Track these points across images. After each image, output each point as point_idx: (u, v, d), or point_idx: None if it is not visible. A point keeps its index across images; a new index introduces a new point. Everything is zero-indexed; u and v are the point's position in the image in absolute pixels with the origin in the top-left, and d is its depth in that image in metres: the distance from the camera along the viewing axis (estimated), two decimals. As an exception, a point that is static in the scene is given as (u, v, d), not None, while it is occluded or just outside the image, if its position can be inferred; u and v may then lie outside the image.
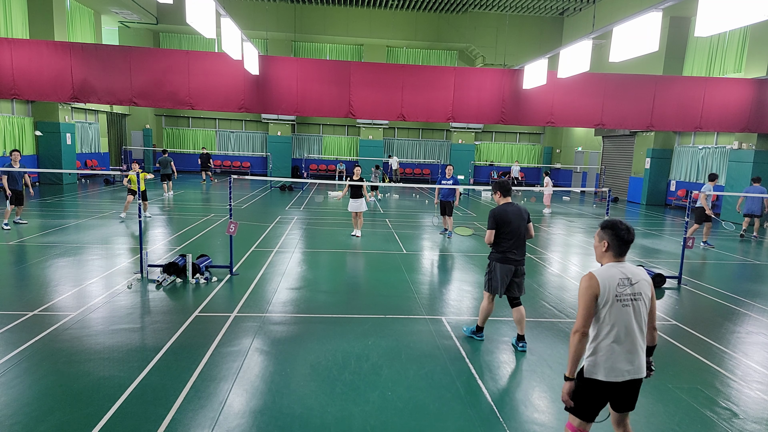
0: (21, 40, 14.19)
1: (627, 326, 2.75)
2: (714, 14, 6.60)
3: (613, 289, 2.74)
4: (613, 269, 2.80)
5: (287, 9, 24.76)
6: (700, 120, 15.44)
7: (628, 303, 2.75)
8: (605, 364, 2.76)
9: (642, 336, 2.80)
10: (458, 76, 15.02)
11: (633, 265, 2.87)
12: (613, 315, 2.75)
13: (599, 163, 24.40)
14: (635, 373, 2.79)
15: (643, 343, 2.81)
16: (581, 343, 2.76)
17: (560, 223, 14.72)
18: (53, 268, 7.58)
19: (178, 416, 3.74)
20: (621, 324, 2.75)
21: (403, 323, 5.89)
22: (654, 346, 2.98)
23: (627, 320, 2.75)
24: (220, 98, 14.46)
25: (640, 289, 2.78)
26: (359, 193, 10.89)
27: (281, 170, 27.89)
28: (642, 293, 2.79)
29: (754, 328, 6.24)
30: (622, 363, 2.75)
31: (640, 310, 2.78)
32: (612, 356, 2.75)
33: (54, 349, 4.79)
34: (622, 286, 2.75)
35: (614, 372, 2.76)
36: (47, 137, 19.13)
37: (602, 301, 2.75)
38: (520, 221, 5.05)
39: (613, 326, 2.75)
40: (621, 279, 2.76)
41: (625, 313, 2.75)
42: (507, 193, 5.17)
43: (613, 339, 2.75)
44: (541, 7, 24.35)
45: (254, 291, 6.89)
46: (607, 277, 2.76)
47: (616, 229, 2.81)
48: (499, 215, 5.03)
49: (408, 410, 3.98)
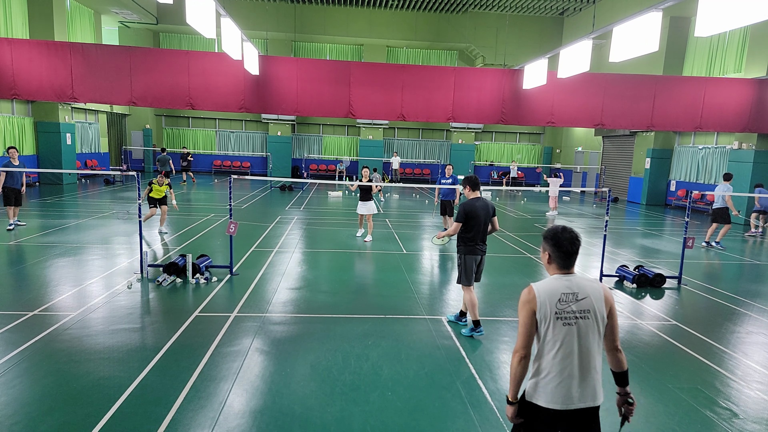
0: (21, 40, 14.19)
1: (571, 348, 2.38)
2: (714, 14, 6.60)
3: (552, 305, 2.39)
4: (556, 282, 2.45)
5: (287, 9, 24.76)
6: (700, 120, 15.44)
7: (571, 321, 2.39)
8: (545, 389, 2.42)
9: (593, 359, 2.42)
10: (458, 76, 15.01)
11: (585, 277, 2.52)
12: (554, 334, 2.40)
13: (599, 163, 24.40)
14: (583, 402, 2.40)
15: (597, 366, 2.44)
16: (520, 365, 2.44)
17: (560, 223, 14.67)
18: (53, 268, 7.58)
19: (178, 416, 3.74)
20: (564, 345, 2.38)
21: (403, 323, 5.89)
22: (624, 371, 2.55)
23: (570, 341, 2.38)
24: (220, 98, 14.46)
25: (589, 305, 2.40)
26: (368, 195, 10.55)
27: (281, 170, 27.88)
28: (591, 311, 2.40)
29: (754, 328, 6.24)
30: (564, 389, 2.39)
31: (588, 329, 2.40)
32: (553, 380, 2.40)
33: (54, 349, 4.80)
34: (563, 302, 2.39)
35: (555, 398, 2.40)
36: (47, 137, 19.14)
37: (540, 318, 2.40)
38: (486, 215, 5.43)
39: (556, 347, 2.39)
40: (564, 294, 2.41)
41: (568, 333, 2.38)
42: (476, 187, 5.55)
43: (555, 361, 2.40)
44: (541, 7, 24.35)
45: (254, 291, 6.89)
46: (546, 291, 2.42)
47: (557, 238, 2.50)
48: (469, 209, 5.36)
49: (408, 410, 3.98)
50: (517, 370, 2.44)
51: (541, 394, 2.43)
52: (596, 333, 2.42)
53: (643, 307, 6.94)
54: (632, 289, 7.74)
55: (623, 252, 10.56)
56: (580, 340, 2.40)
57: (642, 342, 5.61)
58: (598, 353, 2.44)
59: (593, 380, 2.44)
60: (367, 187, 10.49)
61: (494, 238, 11.40)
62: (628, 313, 6.64)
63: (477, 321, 5.52)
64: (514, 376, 2.46)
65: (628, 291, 7.65)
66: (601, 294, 2.45)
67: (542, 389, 2.43)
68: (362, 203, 10.61)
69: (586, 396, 2.42)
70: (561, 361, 2.39)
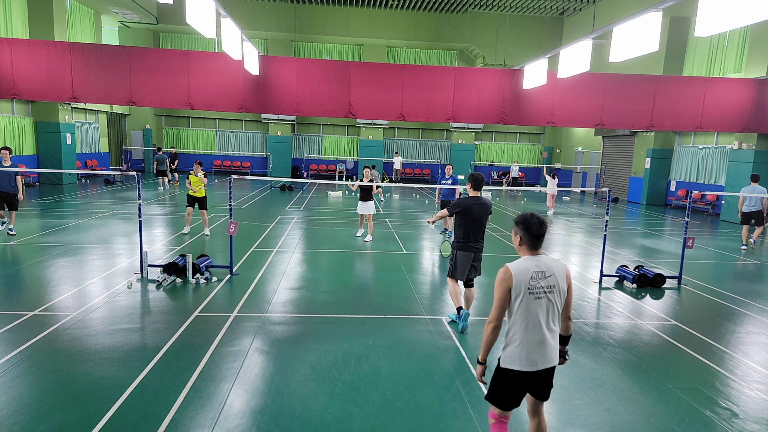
0: (21, 40, 14.19)
1: (539, 318, 2.82)
2: (714, 14, 6.60)
3: (526, 282, 2.79)
4: (528, 262, 2.84)
5: (287, 9, 24.76)
6: (700, 120, 15.44)
7: (541, 295, 2.81)
8: (520, 355, 2.83)
9: (555, 327, 2.89)
10: (458, 76, 15.01)
11: (550, 257, 2.93)
12: (525, 307, 2.81)
13: (599, 163, 24.40)
14: (547, 363, 2.87)
15: (555, 333, 2.89)
16: (493, 333, 2.87)
17: (560, 223, 14.72)
18: (53, 268, 7.57)
19: (178, 416, 3.74)
20: (534, 316, 2.81)
21: (403, 323, 5.89)
22: (569, 335, 3.08)
23: (539, 312, 2.81)
24: (220, 98, 14.45)
25: (554, 281, 2.84)
26: (368, 195, 10.54)
27: (281, 170, 27.89)
28: (556, 286, 2.84)
29: (754, 328, 6.24)
30: (535, 353, 2.83)
31: (554, 302, 2.85)
32: (526, 347, 2.83)
33: (54, 349, 4.79)
34: (535, 279, 2.80)
35: (528, 362, 2.83)
36: (47, 137, 19.14)
37: (515, 294, 2.81)
38: (483, 214, 5.53)
39: (527, 318, 2.82)
40: (535, 272, 2.81)
41: (538, 305, 2.81)
42: (477, 187, 5.58)
43: (526, 330, 2.82)
44: (541, 7, 24.35)
45: (254, 291, 6.89)
46: (520, 270, 2.81)
47: (527, 223, 2.86)
48: (463, 204, 5.49)
49: (408, 410, 3.98)
50: (489, 337, 2.88)
51: (515, 360, 2.85)
52: (558, 305, 2.88)
53: (643, 307, 6.94)
54: (632, 289, 7.74)
55: (623, 252, 10.56)
56: (549, 310, 2.84)
57: (642, 342, 5.61)
58: (558, 321, 2.92)
59: (553, 345, 2.88)
60: (368, 188, 10.49)
61: (494, 238, 11.41)
62: (628, 313, 6.64)
63: (460, 307, 5.71)
64: (486, 341, 2.90)
65: (628, 291, 7.65)
66: (563, 271, 2.90)
67: (515, 356, 2.85)
68: (362, 203, 10.61)
69: (548, 358, 2.87)
70: (530, 330, 2.82)
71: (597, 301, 7.16)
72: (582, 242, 11.76)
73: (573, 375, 4.70)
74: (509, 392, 2.93)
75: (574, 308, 6.70)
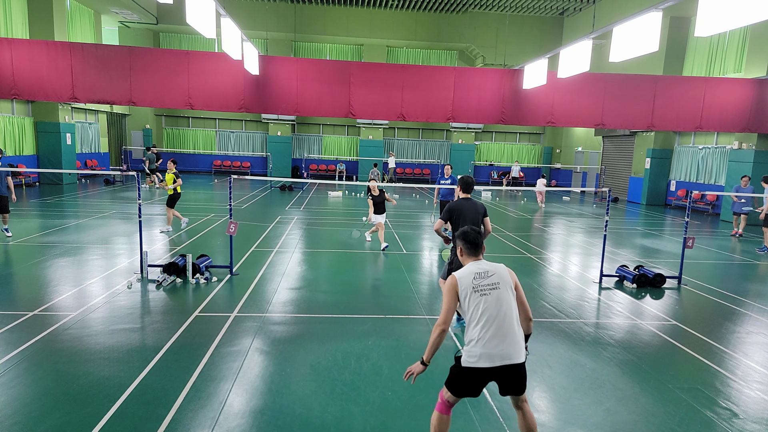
0: (21, 40, 14.19)
1: (492, 313, 2.97)
2: (714, 14, 6.60)
3: (470, 282, 3.04)
4: (471, 266, 3.12)
5: (287, 9, 24.76)
6: (700, 120, 15.43)
7: (487, 292, 3.01)
8: (480, 351, 2.96)
9: (512, 322, 2.99)
10: (458, 76, 15.01)
11: (490, 262, 3.17)
12: (475, 305, 3.01)
13: (599, 163, 24.40)
14: (509, 359, 2.95)
15: (515, 329, 3.00)
16: (440, 336, 3.03)
17: (560, 223, 14.72)
18: (53, 268, 7.58)
19: (178, 416, 3.74)
20: (485, 312, 2.98)
21: (403, 323, 5.89)
22: (529, 334, 3.21)
23: (491, 308, 2.98)
24: (220, 98, 14.45)
25: (498, 279, 3.05)
26: (382, 207, 9.94)
27: (281, 170, 27.88)
28: (501, 282, 3.05)
29: (754, 328, 6.24)
30: (493, 349, 2.94)
31: (503, 298, 3.01)
32: (480, 345, 2.96)
33: (54, 349, 4.80)
34: (477, 278, 3.05)
35: (486, 358, 2.95)
36: (47, 137, 19.14)
37: (463, 294, 3.04)
38: (475, 215, 5.47)
39: (480, 315, 2.99)
40: (477, 272, 3.07)
41: (487, 302, 2.99)
42: (466, 189, 5.61)
43: (480, 328, 2.97)
44: (541, 7, 24.34)
45: (254, 291, 6.89)
46: (465, 273, 3.09)
47: (464, 234, 3.23)
48: (454, 208, 5.49)
49: (408, 410, 3.98)
50: (436, 339, 3.04)
51: (473, 357, 2.98)
52: (509, 301, 3.02)
53: (643, 307, 6.94)
54: (632, 289, 7.74)
55: (623, 252, 10.56)
56: (500, 305, 2.99)
57: (642, 342, 5.61)
58: (513, 318, 3.01)
59: (513, 341, 2.98)
60: (381, 201, 9.90)
61: (494, 237, 11.41)
62: (628, 313, 6.64)
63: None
64: (432, 343, 3.05)
65: (628, 291, 7.65)
66: (505, 270, 3.12)
67: (473, 354, 2.98)
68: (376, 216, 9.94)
69: (509, 354, 2.96)
70: (483, 327, 2.97)
71: (597, 301, 7.16)
72: (582, 242, 11.76)
73: (573, 375, 4.70)
74: (467, 386, 3.08)
75: (573, 308, 6.70)
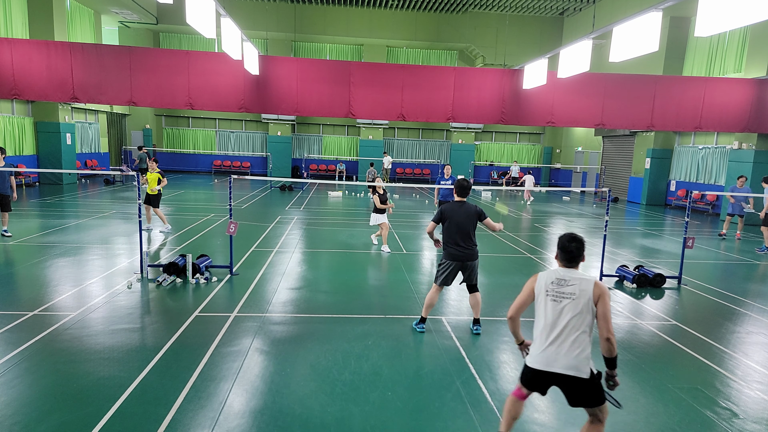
0: (21, 40, 14.18)
1: (553, 320, 3.02)
2: (714, 14, 6.59)
3: (546, 284, 3.10)
4: (557, 272, 3.15)
5: (287, 9, 24.76)
6: (700, 120, 15.43)
7: (559, 299, 3.03)
8: (534, 352, 3.08)
9: (573, 335, 2.96)
10: (458, 76, 15.01)
11: (582, 273, 3.10)
12: (543, 307, 3.08)
13: (599, 163, 24.40)
14: (563, 368, 2.94)
15: (575, 342, 2.95)
16: (511, 325, 3.30)
17: (560, 223, 14.72)
18: (53, 268, 7.57)
19: (178, 416, 3.74)
20: (550, 317, 3.03)
21: (403, 323, 5.89)
22: (612, 358, 2.97)
23: (554, 315, 3.02)
24: (220, 98, 14.45)
25: (577, 291, 3.00)
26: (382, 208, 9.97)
27: (281, 170, 27.88)
28: (578, 295, 2.99)
29: (754, 328, 6.24)
30: (543, 353, 3.00)
31: (573, 310, 2.98)
32: (538, 346, 3.05)
33: (54, 349, 4.80)
34: (555, 284, 3.07)
35: (537, 360, 3.03)
36: (47, 137, 19.14)
37: (537, 293, 3.15)
38: (467, 220, 5.40)
39: (544, 318, 3.06)
40: (557, 278, 3.08)
41: (555, 308, 3.03)
42: (460, 193, 5.56)
43: (542, 330, 3.05)
44: (541, 7, 24.35)
45: (254, 291, 6.89)
46: (546, 275, 3.16)
47: (560, 241, 3.20)
48: (444, 211, 5.47)
49: (408, 410, 3.98)
50: (510, 326, 3.31)
51: (529, 357, 3.11)
52: (579, 314, 2.98)
53: (643, 307, 6.94)
54: (632, 289, 7.74)
55: (623, 252, 10.56)
56: (561, 317, 3.00)
57: (642, 342, 5.61)
58: (579, 332, 2.97)
59: (574, 353, 2.94)
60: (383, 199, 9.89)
61: (494, 237, 11.41)
62: (628, 313, 6.64)
63: (424, 318, 5.68)
64: (511, 329, 3.34)
65: (628, 291, 7.65)
66: (591, 285, 3.02)
67: (531, 353, 3.11)
68: (376, 215, 10.03)
69: (566, 365, 2.94)
70: (542, 331, 3.04)
71: (597, 301, 7.15)
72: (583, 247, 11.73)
73: (573, 375, 4.69)
74: (529, 381, 3.14)
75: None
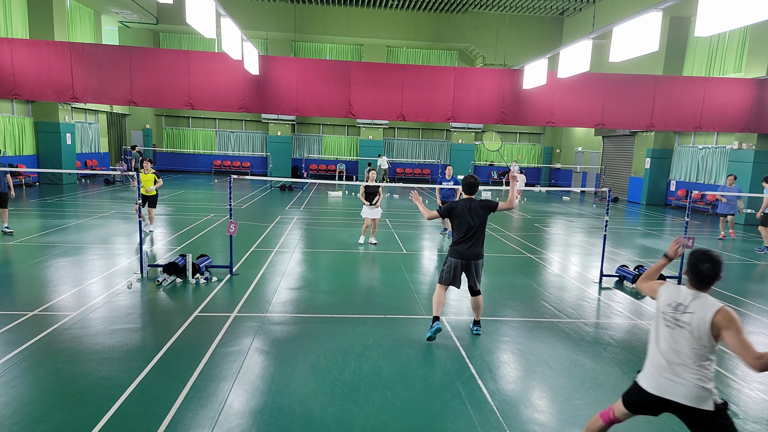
0: (21, 40, 14.19)
1: (666, 345, 2.79)
2: (714, 14, 6.60)
3: (663, 304, 2.86)
4: (681, 293, 2.82)
5: (287, 9, 24.76)
6: (700, 120, 15.43)
7: (671, 324, 2.78)
8: (645, 373, 2.91)
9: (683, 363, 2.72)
10: (458, 76, 15.01)
11: (708, 300, 2.70)
12: (656, 325, 2.89)
13: (599, 163, 24.39)
14: (674, 396, 2.73)
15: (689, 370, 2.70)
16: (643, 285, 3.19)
17: (560, 223, 14.72)
18: (53, 268, 7.57)
19: (178, 416, 3.74)
20: (661, 341, 2.83)
21: (403, 323, 5.89)
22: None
23: (666, 339, 2.79)
24: (220, 98, 14.45)
25: (694, 321, 2.68)
26: (372, 198, 10.07)
27: (281, 170, 27.88)
28: (693, 324, 2.68)
29: (754, 328, 6.24)
30: (655, 377, 2.82)
31: (682, 337, 2.72)
32: (647, 365, 2.90)
33: (54, 349, 4.79)
34: (672, 307, 2.80)
35: (649, 382, 2.85)
36: (47, 137, 19.14)
37: (656, 307, 2.92)
38: (473, 217, 5.27)
39: (655, 339, 2.87)
40: (677, 303, 2.79)
41: (666, 332, 2.80)
42: (467, 190, 5.47)
43: (653, 351, 2.88)
44: (541, 7, 24.35)
45: (254, 291, 6.88)
46: (667, 294, 2.88)
47: (690, 259, 2.79)
48: (451, 207, 5.38)
49: (408, 410, 3.98)
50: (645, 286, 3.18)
51: (642, 376, 2.92)
52: (690, 343, 2.71)
53: (643, 307, 6.94)
54: (632, 289, 7.74)
55: (623, 252, 10.56)
56: (672, 342, 2.77)
57: (642, 342, 5.60)
58: (692, 360, 2.71)
59: (685, 382, 2.71)
60: (374, 191, 10.08)
61: (494, 238, 11.41)
62: (628, 313, 6.64)
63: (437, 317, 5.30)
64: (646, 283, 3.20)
65: (628, 291, 7.65)
66: (710, 316, 2.64)
67: (643, 372, 2.92)
68: (366, 207, 10.14)
69: (676, 392, 2.73)
70: (655, 352, 2.86)
71: (597, 301, 7.16)
72: (582, 242, 11.76)
73: (573, 375, 4.70)
74: (633, 398, 2.96)
75: (573, 308, 6.70)
